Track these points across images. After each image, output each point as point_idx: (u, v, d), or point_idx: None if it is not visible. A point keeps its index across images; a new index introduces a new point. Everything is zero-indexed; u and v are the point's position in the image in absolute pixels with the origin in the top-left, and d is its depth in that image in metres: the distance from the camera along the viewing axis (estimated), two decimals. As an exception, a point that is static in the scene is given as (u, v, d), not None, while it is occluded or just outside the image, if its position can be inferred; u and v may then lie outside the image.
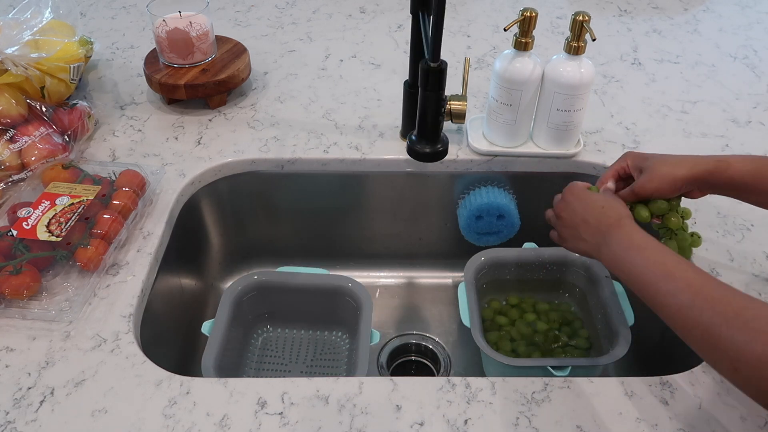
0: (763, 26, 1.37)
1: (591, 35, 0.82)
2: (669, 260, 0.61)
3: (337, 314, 0.96)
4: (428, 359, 1.04)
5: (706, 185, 0.73)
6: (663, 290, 0.59)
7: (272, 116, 1.07)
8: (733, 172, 0.71)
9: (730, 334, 0.53)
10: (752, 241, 0.85)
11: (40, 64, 0.95)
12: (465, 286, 0.88)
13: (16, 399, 0.66)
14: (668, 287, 0.59)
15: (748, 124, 1.07)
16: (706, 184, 0.73)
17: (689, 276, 0.59)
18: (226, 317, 0.86)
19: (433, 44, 0.67)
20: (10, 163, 0.88)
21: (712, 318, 0.54)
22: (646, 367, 0.93)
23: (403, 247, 1.13)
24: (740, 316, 0.53)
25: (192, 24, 1.03)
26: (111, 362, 0.70)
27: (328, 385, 0.69)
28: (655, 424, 0.65)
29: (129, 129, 1.04)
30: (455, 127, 1.03)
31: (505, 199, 0.99)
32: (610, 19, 1.38)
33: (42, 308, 0.74)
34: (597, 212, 0.70)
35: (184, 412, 0.66)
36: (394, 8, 1.41)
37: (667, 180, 0.73)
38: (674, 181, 0.72)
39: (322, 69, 1.19)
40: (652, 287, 0.61)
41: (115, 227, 0.81)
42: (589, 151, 0.99)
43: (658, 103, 1.11)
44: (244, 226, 1.08)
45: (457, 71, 1.16)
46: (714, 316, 0.54)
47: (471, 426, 0.65)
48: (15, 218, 0.80)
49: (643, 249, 0.64)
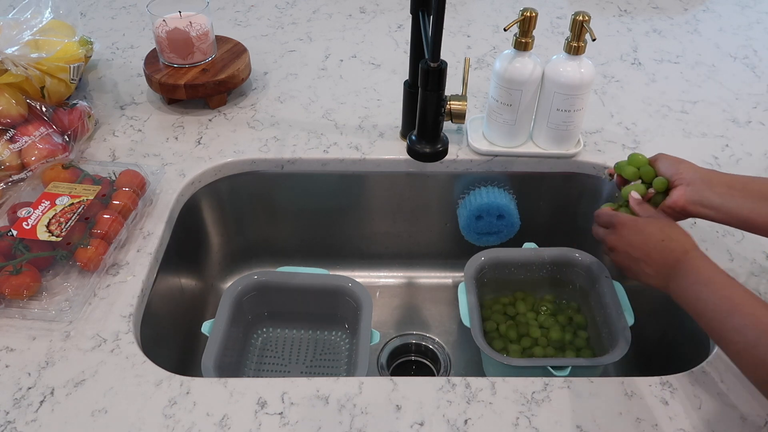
0: (763, 26, 1.37)
1: (591, 35, 0.82)
2: (737, 295, 0.60)
3: (337, 314, 0.96)
4: (428, 359, 1.04)
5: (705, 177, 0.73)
6: (729, 326, 0.58)
7: (272, 116, 1.07)
8: (739, 175, 0.72)
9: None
10: (752, 241, 0.85)
11: (40, 64, 0.95)
12: (465, 286, 0.88)
13: (16, 399, 0.66)
14: (734, 323, 0.58)
15: (748, 124, 1.07)
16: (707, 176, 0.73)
17: (758, 313, 0.57)
18: (226, 317, 0.86)
19: (433, 44, 0.67)
20: (10, 163, 0.89)
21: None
22: (646, 367, 0.93)
23: (403, 247, 1.13)
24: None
25: (192, 24, 1.03)
26: (111, 362, 0.70)
27: (328, 385, 0.69)
28: (655, 424, 0.65)
29: (129, 129, 1.04)
30: (455, 127, 1.03)
31: (505, 199, 0.99)
32: (610, 19, 1.38)
33: (42, 308, 0.74)
34: (659, 247, 0.68)
35: (184, 412, 0.66)
36: (394, 8, 1.41)
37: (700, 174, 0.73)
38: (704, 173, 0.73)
39: (322, 69, 1.19)
40: (718, 323, 0.59)
41: (115, 227, 0.81)
42: (589, 151, 0.99)
43: (658, 103, 1.11)
44: (244, 226, 1.08)
45: (457, 71, 1.16)
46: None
47: (471, 426, 0.65)
48: (15, 218, 0.80)
49: (711, 283, 0.62)
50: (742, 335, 0.56)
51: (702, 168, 0.74)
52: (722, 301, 0.60)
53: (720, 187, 0.71)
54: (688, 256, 0.66)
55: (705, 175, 0.73)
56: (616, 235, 0.74)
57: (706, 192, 0.71)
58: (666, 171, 0.75)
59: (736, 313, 0.58)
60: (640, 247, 0.70)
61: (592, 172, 0.99)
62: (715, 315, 0.60)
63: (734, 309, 0.59)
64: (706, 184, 0.72)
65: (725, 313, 0.59)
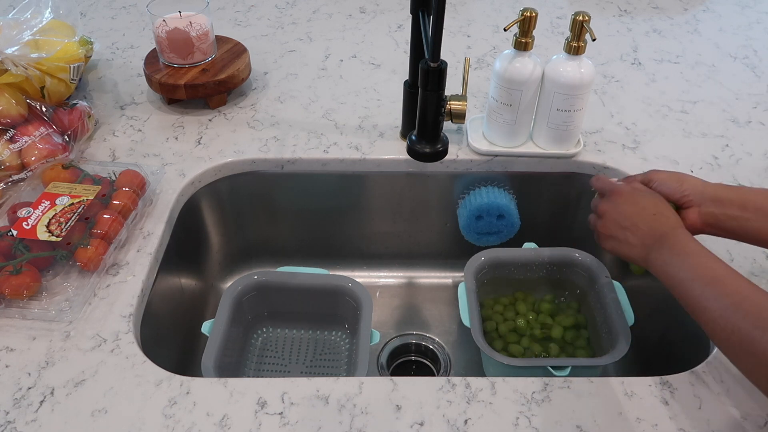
0: (763, 26, 1.37)
1: (591, 35, 0.82)
2: (720, 267, 0.61)
3: (337, 314, 0.96)
4: (428, 359, 1.04)
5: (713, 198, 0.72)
6: (708, 294, 0.58)
7: (272, 116, 1.07)
8: (747, 189, 0.71)
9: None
10: (752, 241, 0.85)
11: (40, 64, 0.95)
12: (465, 286, 0.88)
13: (16, 399, 0.66)
14: (714, 291, 0.58)
15: (748, 124, 1.07)
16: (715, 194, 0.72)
17: (739, 283, 0.58)
18: (226, 317, 0.86)
19: (433, 44, 0.67)
20: (10, 163, 0.88)
21: (755, 323, 0.53)
22: (646, 367, 0.93)
23: (403, 247, 1.13)
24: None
25: (192, 24, 1.03)
26: (111, 362, 0.70)
27: (328, 385, 0.69)
28: (655, 424, 0.65)
29: (129, 129, 1.04)
30: (455, 127, 1.03)
31: (505, 199, 0.99)
32: (610, 19, 1.38)
33: (42, 308, 0.74)
34: (648, 219, 0.69)
35: (184, 412, 0.66)
36: (394, 8, 1.41)
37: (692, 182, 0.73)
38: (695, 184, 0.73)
39: (322, 69, 1.19)
40: (696, 291, 0.60)
41: (115, 227, 0.81)
42: (589, 151, 0.99)
43: (658, 103, 1.11)
44: (244, 226, 1.08)
45: (457, 71, 1.16)
46: (757, 321, 0.53)
47: (471, 426, 0.65)
48: (15, 218, 0.80)
49: (696, 255, 0.63)
50: (720, 302, 0.57)
51: (705, 183, 0.73)
52: (705, 269, 0.61)
53: (733, 209, 0.70)
54: (676, 232, 0.67)
55: (712, 192, 0.72)
56: (610, 202, 0.74)
57: (720, 215, 0.71)
58: (669, 192, 0.74)
59: (717, 282, 0.59)
60: (630, 217, 0.70)
61: (592, 172, 0.99)
62: (695, 283, 0.60)
63: (716, 278, 0.59)
64: (717, 204, 0.71)
65: (706, 281, 0.59)
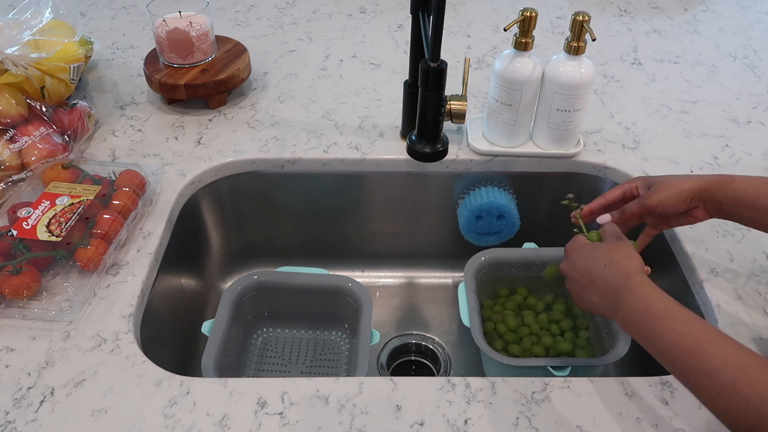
0: (763, 26, 1.37)
1: (591, 35, 0.82)
2: (697, 331, 0.55)
3: (337, 314, 0.96)
4: (428, 359, 1.04)
5: (711, 199, 0.72)
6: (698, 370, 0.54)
7: (272, 116, 1.07)
8: (737, 185, 0.71)
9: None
10: (752, 241, 0.85)
11: (40, 64, 0.95)
12: (465, 286, 0.88)
13: (16, 399, 0.66)
14: (702, 367, 0.54)
15: (748, 124, 1.07)
16: (711, 197, 0.72)
17: (725, 353, 0.53)
18: (226, 317, 0.86)
19: (433, 44, 0.67)
20: (10, 163, 0.88)
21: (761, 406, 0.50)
22: (646, 367, 0.93)
23: (403, 247, 1.13)
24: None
25: (192, 24, 1.03)
26: (111, 362, 0.70)
27: (328, 385, 0.69)
28: (655, 424, 0.65)
29: (129, 129, 1.04)
30: (455, 127, 1.03)
31: (505, 199, 0.99)
32: (610, 19, 1.38)
33: (42, 308, 0.74)
34: (601, 272, 0.65)
35: (184, 412, 0.66)
36: (394, 8, 1.41)
37: (674, 190, 0.72)
38: (681, 192, 0.72)
39: (322, 69, 1.19)
40: (681, 364, 0.55)
41: (115, 227, 0.81)
42: (589, 151, 0.99)
43: (658, 103, 1.11)
44: (244, 226, 1.08)
45: (457, 71, 1.16)
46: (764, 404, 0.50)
47: (471, 426, 0.65)
48: (15, 218, 0.80)
49: (662, 318, 0.58)
50: (714, 381, 0.53)
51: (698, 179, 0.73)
52: (682, 338, 0.56)
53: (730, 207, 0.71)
54: (630, 282, 0.62)
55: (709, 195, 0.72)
56: (568, 261, 0.71)
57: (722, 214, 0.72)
58: (673, 211, 0.74)
59: (702, 355, 0.54)
60: (586, 273, 0.67)
61: (592, 172, 0.99)
62: (677, 355, 0.56)
63: (699, 350, 0.54)
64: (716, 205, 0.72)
65: (690, 355, 0.55)
